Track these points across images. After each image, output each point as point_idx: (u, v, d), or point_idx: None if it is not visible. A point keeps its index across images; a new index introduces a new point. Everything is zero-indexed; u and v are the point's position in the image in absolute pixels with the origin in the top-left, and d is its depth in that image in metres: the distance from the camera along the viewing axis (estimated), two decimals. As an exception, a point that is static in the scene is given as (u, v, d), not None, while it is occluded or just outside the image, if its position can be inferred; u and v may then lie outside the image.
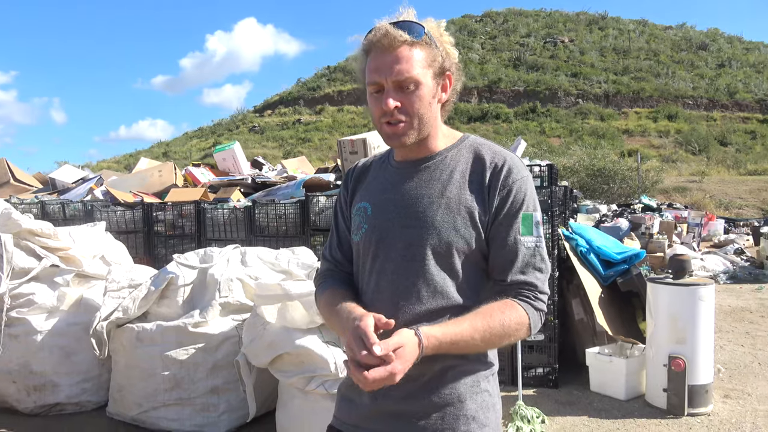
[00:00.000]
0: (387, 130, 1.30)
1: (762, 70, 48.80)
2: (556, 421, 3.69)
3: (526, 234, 1.28)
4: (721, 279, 8.93)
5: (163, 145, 49.12)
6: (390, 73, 1.25)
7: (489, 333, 1.23)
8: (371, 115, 1.33)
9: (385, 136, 1.32)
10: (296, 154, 29.09)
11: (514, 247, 1.28)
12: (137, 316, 3.64)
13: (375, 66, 1.27)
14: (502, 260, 1.28)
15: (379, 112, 1.28)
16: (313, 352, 2.93)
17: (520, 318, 1.26)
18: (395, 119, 1.28)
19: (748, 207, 21.36)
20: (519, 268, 1.27)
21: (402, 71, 1.24)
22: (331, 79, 51.24)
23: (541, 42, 54.21)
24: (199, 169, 7.45)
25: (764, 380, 4.39)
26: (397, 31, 1.25)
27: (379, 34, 1.26)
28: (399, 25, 1.26)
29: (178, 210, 5.52)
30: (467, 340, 1.21)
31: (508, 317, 1.24)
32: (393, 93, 1.26)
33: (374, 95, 1.29)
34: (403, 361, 1.14)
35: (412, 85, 1.26)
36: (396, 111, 1.26)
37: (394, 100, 1.26)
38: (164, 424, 3.50)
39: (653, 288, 3.94)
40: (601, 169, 20.63)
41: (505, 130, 38.66)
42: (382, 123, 1.30)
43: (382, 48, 1.26)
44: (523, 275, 1.27)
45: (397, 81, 1.25)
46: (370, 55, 1.29)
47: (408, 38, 1.25)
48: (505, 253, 1.28)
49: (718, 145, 34.99)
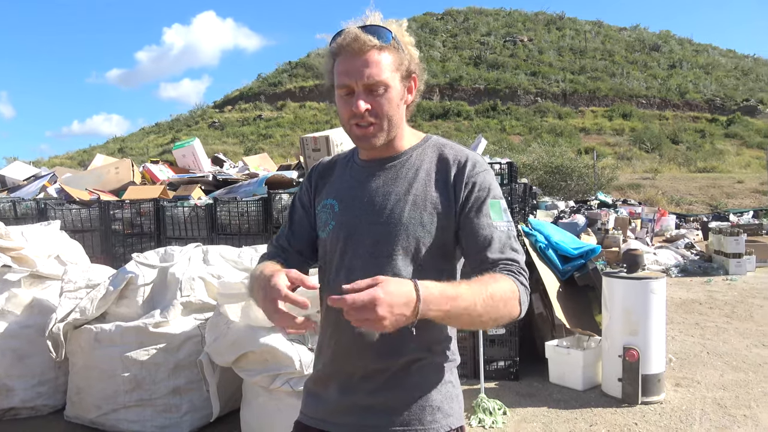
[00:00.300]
0: (357, 132, 1.33)
1: (711, 72, 50.75)
2: (517, 412, 3.79)
3: (498, 219, 1.31)
4: (672, 272, 9.27)
5: (119, 141, 47.75)
6: (360, 77, 1.27)
7: (489, 299, 1.18)
8: (340, 117, 1.35)
9: (355, 138, 1.35)
10: (258, 150, 28.73)
11: (489, 231, 1.29)
12: (95, 316, 3.56)
13: (345, 69, 1.29)
14: (479, 245, 1.28)
15: (348, 114, 1.31)
16: (277, 350, 2.93)
17: (511, 288, 1.23)
18: (365, 121, 1.31)
19: (697, 203, 22.20)
20: (498, 248, 1.28)
21: (372, 75, 1.28)
22: (293, 75, 50.76)
23: (501, 41, 54.98)
24: (158, 166, 7.29)
25: (712, 369, 4.59)
26: (366, 35, 1.27)
27: (348, 38, 1.28)
28: (367, 29, 1.28)
29: (136, 208, 5.40)
30: (468, 304, 1.15)
31: (501, 286, 1.21)
32: (363, 96, 1.29)
33: (344, 97, 1.32)
34: (386, 292, 1.05)
35: (382, 88, 1.29)
36: (366, 113, 1.29)
37: (365, 102, 1.28)
38: (125, 426, 3.43)
39: (608, 282, 4.07)
40: (559, 167, 21.12)
41: (467, 127, 39.07)
42: (352, 125, 1.32)
43: (352, 52, 1.28)
44: (502, 254, 1.28)
45: (367, 84, 1.28)
46: (339, 58, 1.31)
47: (377, 42, 1.28)
48: (481, 239, 1.29)
49: (670, 143, 36.20)
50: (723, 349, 5.14)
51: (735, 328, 5.85)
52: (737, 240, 9.24)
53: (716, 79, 48.89)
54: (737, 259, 9.17)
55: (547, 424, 3.62)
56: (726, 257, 9.27)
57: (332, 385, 1.37)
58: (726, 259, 9.26)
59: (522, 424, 3.62)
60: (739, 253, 9.21)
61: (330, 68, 1.34)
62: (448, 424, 1.33)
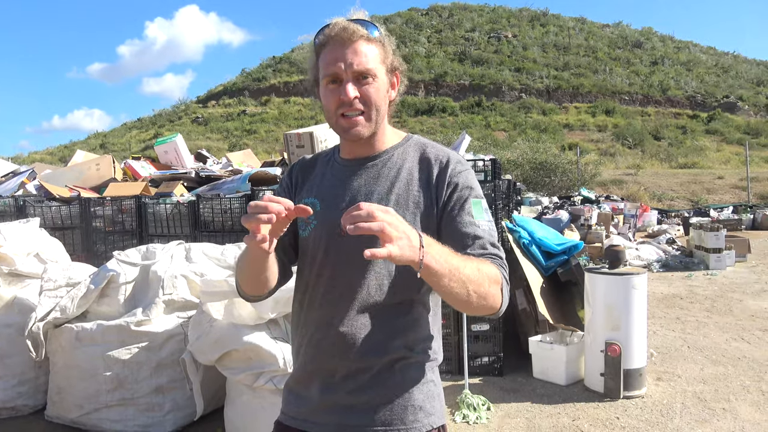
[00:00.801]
0: (343, 123, 1.31)
1: (692, 68, 51.36)
2: (501, 407, 3.81)
3: (479, 218, 1.31)
4: (654, 267, 9.38)
5: (101, 137, 47.08)
6: (350, 65, 1.27)
7: (477, 270, 1.17)
8: (325, 109, 1.33)
9: (341, 130, 1.33)
10: (242, 146, 28.55)
11: (472, 229, 1.29)
12: (76, 315, 3.52)
13: (333, 57, 1.29)
14: (461, 243, 1.27)
15: (336, 104, 1.30)
16: (261, 348, 2.92)
17: (496, 272, 1.23)
18: (354, 109, 1.30)
19: (679, 199, 22.48)
20: (480, 244, 1.28)
21: (362, 63, 1.28)
22: (277, 70, 50.43)
23: (486, 37, 55.12)
24: (140, 163, 7.20)
25: (693, 363, 4.66)
26: (354, 25, 1.29)
27: (337, 28, 1.29)
28: (355, 21, 1.30)
29: (117, 205, 5.33)
30: (458, 264, 1.14)
31: (488, 267, 1.21)
32: (352, 82, 1.29)
33: (329, 87, 1.31)
34: (383, 210, 1.03)
35: (371, 77, 1.30)
36: (356, 101, 1.29)
37: (354, 89, 1.28)
38: (107, 426, 3.40)
39: (590, 278, 4.11)
40: (543, 163, 21.21)
41: (452, 123, 39.13)
42: (339, 115, 1.31)
43: (340, 41, 1.28)
44: (484, 250, 1.28)
45: (357, 71, 1.28)
46: (325, 49, 1.31)
47: (365, 33, 1.30)
48: (463, 236, 1.28)
49: (652, 139, 36.57)
50: (703, 343, 5.21)
51: (715, 323, 5.95)
52: (717, 235, 9.37)
53: (697, 75, 49.51)
54: (717, 254, 9.30)
55: (530, 419, 3.65)
56: (706, 252, 9.40)
57: (314, 384, 1.37)
58: (706, 254, 9.39)
59: (506, 420, 3.65)
60: (719, 248, 9.34)
61: (314, 63, 1.34)
62: (429, 423, 1.33)
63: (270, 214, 1.08)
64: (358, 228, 1.00)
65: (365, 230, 1.00)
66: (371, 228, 0.99)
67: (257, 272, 1.32)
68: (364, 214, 1.00)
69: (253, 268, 1.31)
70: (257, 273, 1.32)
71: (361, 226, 1.00)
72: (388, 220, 1.02)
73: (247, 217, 1.11)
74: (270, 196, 1.12)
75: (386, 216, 1.02)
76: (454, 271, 1.12)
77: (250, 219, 1.10)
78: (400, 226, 1.04)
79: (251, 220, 1.10)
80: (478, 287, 1.17)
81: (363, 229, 1.00)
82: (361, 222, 1.00)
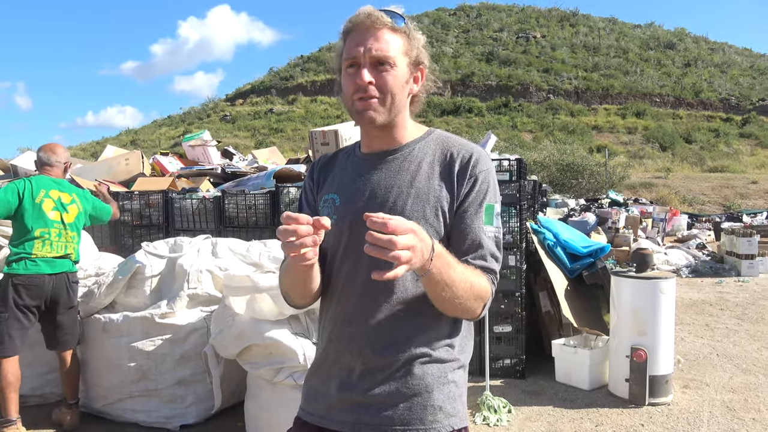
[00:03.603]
0: (359, 105, 1.30)
1: (726, 71, 50.21)
2: (522, 410, 3.77)
3: (488, 224, 1.32)
4: (683, 273, 9.18)
5: (131, 133, 48.08)
6: (369, 50, 1.27)
7: (470, 287, 1.23)
8: (344, 94, 1.33)
9: (356, 113, 1.32)
10: (268, 144, 28.79)
11: (478, 236, 1.30)
12: (104, 305, 3.59)
13: (354, 42, 1.29)
14: (465, 246, 1.30)
15: (352, 88, 1.29)
16: (281, 344, 2.93)
17: (486, 287, 1.28)
18: (369, 95, 1.28)
19: (710, 203, 21.99)
20: (482, 254, 1.30)
21: (381, 48, 1.27)
22: (305, 69, 50.82)
23: (514, 37, 54.69)
24: (168, 158, 7.32)
25: (722, 371, 4.54)
26: (380, 13, 1.28)
27: (362, 15, 1.29)
28: (382, 10, 1.29)
29: (145, 199, 5.42)
30: (456, 278, 1.19)
31: (480, 281, 1.26)
32: (369, 68, 1.28)
33: (348, 71, 1.30)
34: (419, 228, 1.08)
35: (388, 64, 1.28)
36: (370, 87, 1.28)
37: (370, 74, 1.28)
38: (130, 416, 3.46)
39: (617, 281, 4.03)
40: (570, 164, 20.96)
41: (478, 124, 38.92)
42: (355, 100, 1.30)
43: (364, 27, 1.28)
44: (484, 261, 1.30)
45: (374, 57, 1.27)
46: (349, 35, 1.31)
47: (389, 22, 1.29)
48: (468, 241, 1.30)
49: (683, 142, 35.87)
50: (733, 351, 5.08)
51: (746, 330, 5.79)
52: (750, 241, 9.14)
53: (731, 77, 48.38)
54: (750, 260, 9.07)
55: (552, 423, 3.60)
56: (738, 258, 9.17)
57: (332, 380, 1.36)
58: (738, 260, 9.16)
59: (527, 423, 3.60)
60: (752, 254, 9.11)
61: (340, 52, 1.33)
62: (450, 424, 1.30)
63: (304, 237, 1.10)
64: (375, 252, 1.03)
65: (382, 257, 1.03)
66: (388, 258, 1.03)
67: (305, 283, 1.33)
68: (385, 240, 1.02)
69: (300, 279, 1.32)
70: (305, 283, 1.34)
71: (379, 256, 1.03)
72: (408, 244, 1.04)
73: (288, 246, 1.12)
74: (291, 216, 1.12)
75: (407, 239, 1.04)
76: (449, 284, 1.18)
77: (291, 248, 1.11)
78: (418, 244, 1.07)
79: (293, 249, 1.12)
80: (463, 301, 1.23)
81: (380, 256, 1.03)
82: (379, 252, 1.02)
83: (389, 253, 1.02)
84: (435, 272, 1.14)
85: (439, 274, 1.15)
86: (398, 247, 1.02)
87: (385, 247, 1.02)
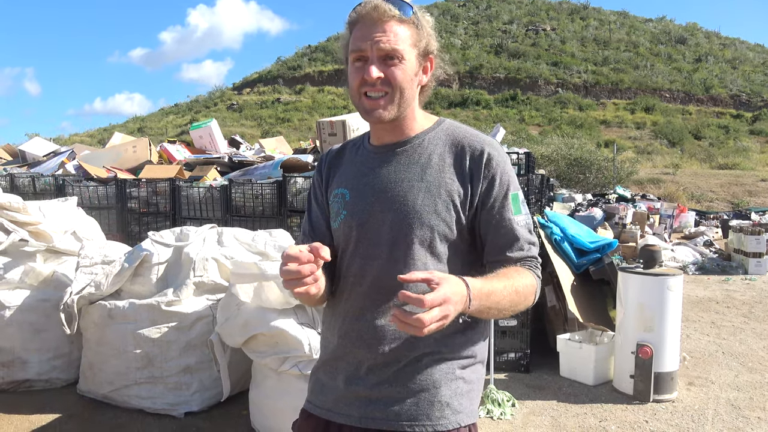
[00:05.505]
0: (366, 103, 1.28)
1: (737, 66, 49.64)
2: (526, 404, 3.76)
3: (518, 213, 1.31)
4: (690, 270, 9.13)
5: (139, 121, 48.13)
6: (376, 43, 1.24)
7: (515, 294, 1.24)
8: (350, 87, 1.30)
9: (363, 110, 1.30)
10: (275, 133, 28.76)
11: (511, 228, 1.30)
12: (110, 293, 3.60)
13: (361, 35, 1.26)
14: (502, 242, 1.30)
15: (359, 82, 1.27)
16: (287, 333, 2.93)
17: (532, 281, 1.29)
18: (377, 91, 1.26)
19: (718, 200, 21.83)
20: (519, 245, 1.31)
21: (389, 42, 1.24)
22: (312, 59, 50.62)
23: (523, 29, 54.24)
24: (175, 146, 7.32)
25: (727, 369, 4.52)
26: (387, 5, 1.24)
27: (368, 6, 1.25)
28: (389, 1, 1.25)
29: (152, 187, 5.43)
30: (499, 299, 1.21)
31: (524, 281, 1.27)
32: (377, 63, 1.25)
33: (355, 65, 1.28)
34: (453, 292, 1.08)
35: (397, 58, 1.25)
36: (378, 82, 1.25)
37: (378, 70, 1.25)
38: (136, 402, 3.48)
39: (623, 277, 4.01)
40: (578, 159, 20.83)
41: (485, 116, 38.71)
42: (362, 94, 1.28)
43: (370, 20, 1.25)
44: (523, 251, 1.31)
45: (383, 51, 1.24)
46: (356, 27, 1.27)
47: (397, 13, 1.25)
48: (503, 236, 1.30)
49: (693, 138, 35.57)
50: (739, 349, 5.06)
51: (752, 329, 5.76)
52: (758, 239, 9.07)
53: (743, 74, 47.83)
54: (757, 258, 9.01)
55: (555, 417, 3.60)
56: (746, 256, 9.11)
57: (339, 374, 1.35)
58: (746, 258, 9.10)
59: (531, 417, 3.60)
60: (760, 252, 9.04)
61: (346, 42, 1.30)
62: (457, 420, 1.29)
63: (307, 276, 1.14)
64: (402, 327, 1.07)
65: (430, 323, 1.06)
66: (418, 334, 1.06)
67: (309, 300, 1.36)
68: (413, 320, 1.03)
69: (305, 300, 1.34)
70: (310, 300, 1.36)
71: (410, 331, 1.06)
72: (439, 317, 1.05)
73: (290, 284, 1.16)
74: (291, 255, 1.15)
75: (439, 312, 1.05)
76: (493, 306, 1.21)
77: (293, 285, 1.15)
78: (452, 309, 1.08)
79: (300, 288, 1.15)
80: (513, 308, 1.26)
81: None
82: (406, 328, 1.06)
83: (418, 332, 1.04)
84: (476, 310, 1.17)
85: (480, 308, 1.17)
86: (427, 324, 1.04)
87: (413, 325, 1.04)
